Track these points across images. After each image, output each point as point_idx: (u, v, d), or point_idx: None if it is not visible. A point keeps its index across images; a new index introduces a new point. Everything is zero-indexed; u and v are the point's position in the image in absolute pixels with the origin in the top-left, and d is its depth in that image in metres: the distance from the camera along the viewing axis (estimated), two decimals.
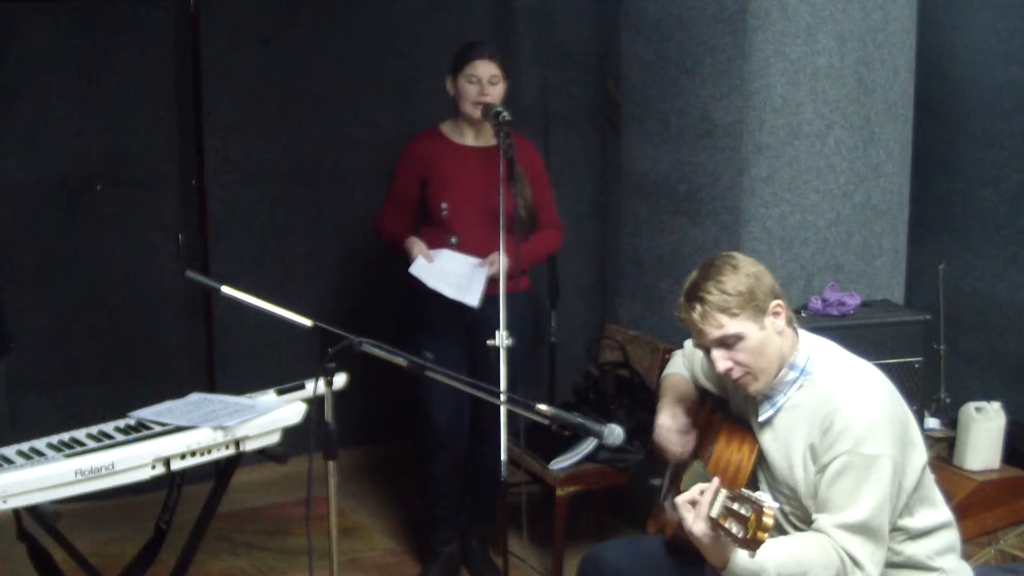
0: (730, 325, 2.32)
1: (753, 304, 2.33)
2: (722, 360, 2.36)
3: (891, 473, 2.25)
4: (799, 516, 2.40)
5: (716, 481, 2.20)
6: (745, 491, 2.10)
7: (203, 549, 3.13)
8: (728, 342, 2.34)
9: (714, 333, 2.33)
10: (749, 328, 2.33)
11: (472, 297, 3.42)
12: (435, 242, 3.53)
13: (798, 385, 2.40)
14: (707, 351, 2.39)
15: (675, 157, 3.86)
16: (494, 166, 3.35)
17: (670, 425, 2.65)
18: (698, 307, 2.33)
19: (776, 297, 2.37)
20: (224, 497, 2.81)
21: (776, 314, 2.37)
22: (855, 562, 2.22)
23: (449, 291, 3.43)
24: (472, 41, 3.64)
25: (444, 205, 3.54)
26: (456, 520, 3.80)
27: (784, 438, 2.39)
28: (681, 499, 2.22)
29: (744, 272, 2.35)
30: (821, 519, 2.27)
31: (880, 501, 2.23)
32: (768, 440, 2.43)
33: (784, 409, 2.40)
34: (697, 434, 2.64)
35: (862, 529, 2.23)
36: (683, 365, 2.81)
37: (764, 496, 2.04)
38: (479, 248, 3.49)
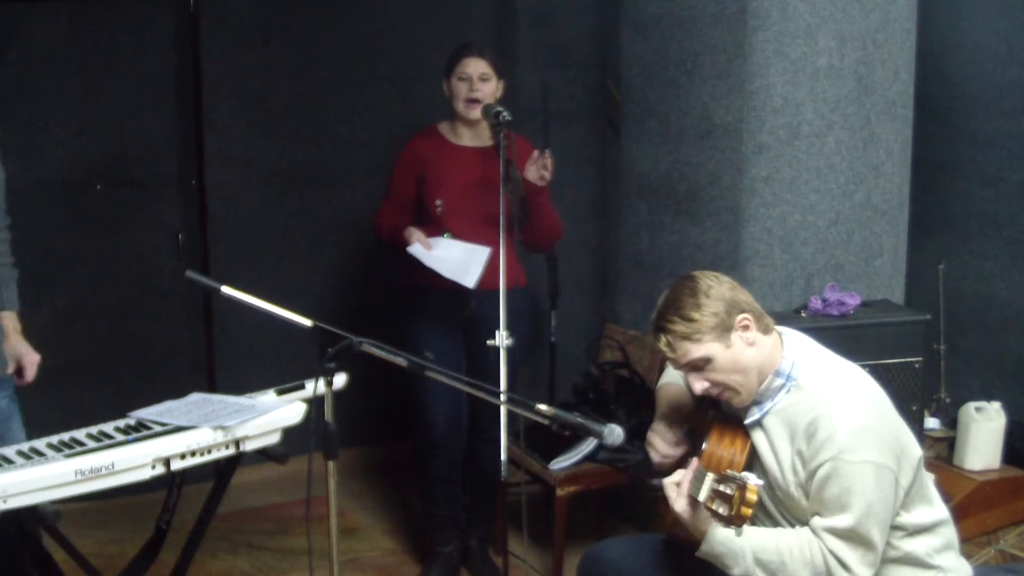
0: (695, 350, 2.36)
1: (716, 325, 2.35)
2: (697, 382, 2.41)
3: (875, 479, 2.26)
4: (793, 513, 2.41)
5: (695, 461, 2.34)
6: (731, 472, 2.18)
7: (203, 549, 3.12)
8: (698, 365, 2.38)
9: (682, 359, 2.39)
10: (714, 348, 2.36)
11: (469, 279, 3.43)
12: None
13: (785, 390, 2.40)
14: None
15: (675, 157, 3.86)
16: (489, 166, 3.35)
17: (662, 430, 2.65)
18: (663, 337, 2.39)
19: (741, 311, 2.38)
20: (224, 497, 2.80)
21: (744, 327, 2.38)
22: (843, 565, 2.26)
23: (445, 271, 3.44)
24: (464, 41, 3.65)
25: (438, 202, 3.56)
26: (456, 520, 3.80)
27: (773, 442, 2.40)
28: (667, 480, 2.36)
29: (703, 295, 2.37)
30: (814, 521, 2.32)
31: (867, 508, 2.25)
32: (758, 440, 2.44)
33: (771, 413, 2.41)
34: (686, 447, 2.64)
35: (850, 535, 2.26)
36: (676, 372, 2.81)
37: (750, 476, 2.12)
38: None
